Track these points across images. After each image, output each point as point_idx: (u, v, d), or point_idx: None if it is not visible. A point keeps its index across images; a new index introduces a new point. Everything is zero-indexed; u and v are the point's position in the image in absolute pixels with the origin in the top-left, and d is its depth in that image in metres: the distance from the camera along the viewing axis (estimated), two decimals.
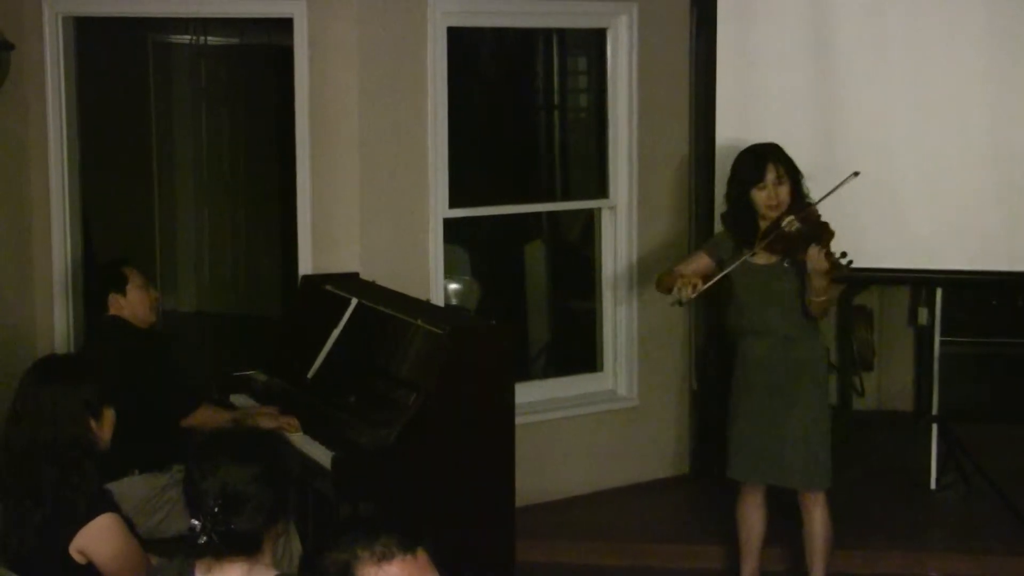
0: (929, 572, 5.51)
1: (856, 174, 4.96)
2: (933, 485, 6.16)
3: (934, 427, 6.12)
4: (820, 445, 4.91)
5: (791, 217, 4.79)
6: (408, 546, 2.36)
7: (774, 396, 4.90)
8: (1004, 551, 5.58)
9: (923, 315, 7.08)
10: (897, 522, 5.89)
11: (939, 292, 6.13)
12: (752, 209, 4.88)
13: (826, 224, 4.78)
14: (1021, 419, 6.97)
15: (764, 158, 4.88)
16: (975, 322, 7.13)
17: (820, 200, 4.91)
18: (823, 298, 4.76)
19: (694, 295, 4.84)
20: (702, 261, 5.05)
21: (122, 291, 5.00)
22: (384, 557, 2.33)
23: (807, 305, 4.82)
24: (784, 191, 4.85)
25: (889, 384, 7.58)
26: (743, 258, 4.86)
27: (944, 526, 5.89)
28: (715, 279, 4.90)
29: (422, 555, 2.37)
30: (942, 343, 6.13)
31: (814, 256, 4.64)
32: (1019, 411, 7.01)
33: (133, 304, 5.01)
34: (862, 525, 5.81)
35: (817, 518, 5.00)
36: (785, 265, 4.85)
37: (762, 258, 4.87)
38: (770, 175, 4.83)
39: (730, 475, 5.06)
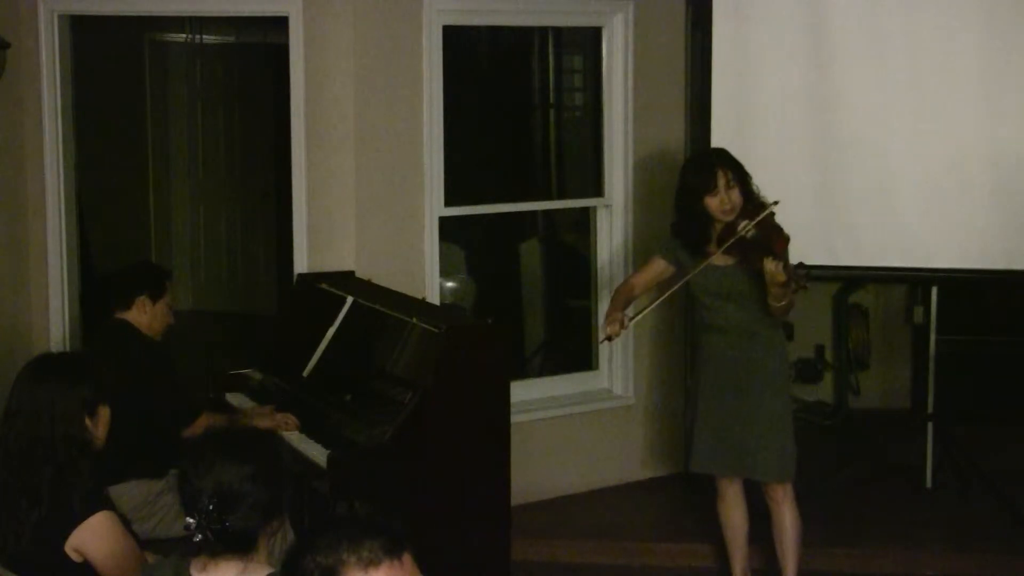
0: (926, 573, 5.52)
1: (776, 203, 4.86)
2: (929, 484, 6.16)
3: (930, 426, 6.12)
4: (786, 436, 4.95)
5: (747, 222, 4.81)
6: (395, 550, 2.32)
7: (740, 390, 4.94)
8: (1000, 550, 5.58)
9: (919, 313, 7.08)
10: (893, 521, 5.88)
11: (935, 290, 6.13)
12: (705, 216, 4.88)
13: (780, 229, 4.80)
14: (1017, 417, 6.97)
15: (712, 165, 4.89)
16: (971, 320, 7.13)
17: (760, 217, 4.80)
18: (783, 303, 4.79)
19: (623, 330, 4.96)
20: (658, 265, 5.11)
21: (154, 300, 4.97)
22: (371, 562, 2.29)
23: (768, 308, 4.84)
24: (735, 194, 4.85)
25: (885, 383, 7.58)
26: (705, 263, 4.86)
27: (940, 525, 5.88)
28: (658, 301, 4.97)
29: (408, 559, 2.33)
30: (938, 341, 6.12)
31: (771, 270, 4.67)
32: (1015, 409, 7.01)
33: (154, 315, 4.97)
34: (858, 523, 5.81)
35: (787, 512, 5.02)
36: (743, 265, 4.88)
37: (720, 259, 4.88)
38: (720, 181, 4.84)
39: (693, 469, 5.11)
